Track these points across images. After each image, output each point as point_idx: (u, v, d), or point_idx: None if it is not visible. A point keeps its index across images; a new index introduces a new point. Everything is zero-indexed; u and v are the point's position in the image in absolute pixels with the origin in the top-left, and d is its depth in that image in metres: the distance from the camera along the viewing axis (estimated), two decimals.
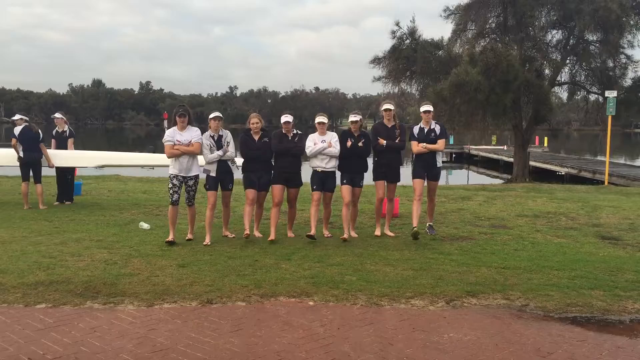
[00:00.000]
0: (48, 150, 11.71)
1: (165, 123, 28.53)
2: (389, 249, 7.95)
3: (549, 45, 24.24)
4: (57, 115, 12.55)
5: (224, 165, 8.49)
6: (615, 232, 9.50)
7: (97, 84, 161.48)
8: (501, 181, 27.11)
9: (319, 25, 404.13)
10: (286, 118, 8.65)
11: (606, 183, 20.77)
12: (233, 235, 8.73)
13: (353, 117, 8.83)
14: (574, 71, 24.41)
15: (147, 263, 7.10)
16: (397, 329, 5.14)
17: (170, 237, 8.21)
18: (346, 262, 7.30)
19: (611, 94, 19.86)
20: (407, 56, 23.52)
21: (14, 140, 11.44)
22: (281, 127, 8.66)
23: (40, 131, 11.62)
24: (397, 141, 8.87)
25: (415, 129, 8.83)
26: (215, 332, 4.97)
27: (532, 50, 23.74)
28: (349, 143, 8.62)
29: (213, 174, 8.43)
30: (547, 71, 24.39)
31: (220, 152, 8.37)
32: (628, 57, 23.02)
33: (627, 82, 23.35)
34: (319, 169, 8.59)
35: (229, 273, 6.71)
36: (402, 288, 6.24)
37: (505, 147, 42.93)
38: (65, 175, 12.20)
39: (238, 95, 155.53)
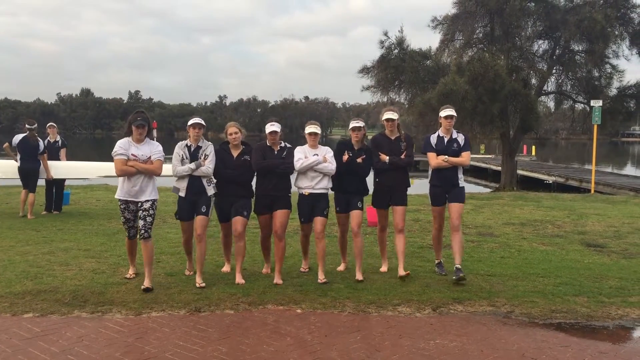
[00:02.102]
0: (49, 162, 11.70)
1: (155, 132, 28.44)
2: (376, 257, 8.00)
3: (535, 55, 24.45)
4: (51, 124, 12.55)
5: (197, 184, 6.72)
6: (600, 240, 9.61)
7: (86, 93, 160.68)
8: (489, 190, 27.26)
9: (307, 35, 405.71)
10: (272, 127, 6.84)
11: (592, 192, 20.96)
12: (203, 284, 6.51)
13: (355, 123, 7.06)
14: (560, 81, 24.63)
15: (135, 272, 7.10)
16: (384, 335, 5.19)
17: (131, 272, 6.90)
18: (334, 270, 7.34)
19: (596, 103, 20.09)
20: (395, 66, 23.63)
21: (6, 145, 11.52)
22: (265, 138, 6.96)
23: (41, 141, 11.60)
24: (402, 157, 7.09)
25: (433, 138, 7.16)
26: (204, 339, 4.99)
27: (518, 60, 23.94)
28: (345, 157, 6.98)
29: (182, 193, 6.73)
30: (533, 81, 24.61)
31: (192, 165, 6.66)
32: (613, 66, 23.26)
33: (613, 91, 23.58)
34: (306, 192, 6.89)
35: (217, 282, 6.73)
36: (389, 295, 6.30)
37: (493, 156, 43.20)
38: (56, 185, 12.17)
39: (227, 104, 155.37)
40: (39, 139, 11.56)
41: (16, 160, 11.50)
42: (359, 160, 7.01)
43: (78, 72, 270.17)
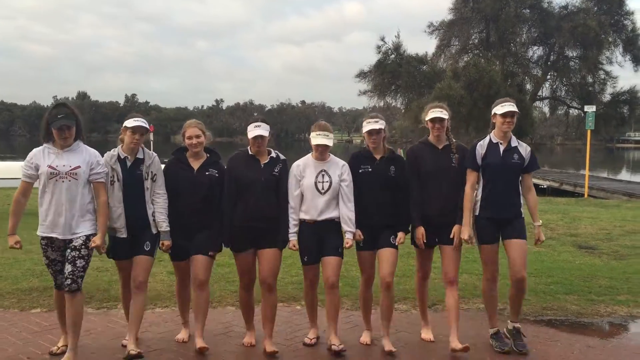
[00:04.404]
0: None
1: (151, 136, 28.51)
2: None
3: (530, 61, 24.88)
4: None
5: (137, 208, 4.79)
6: (592, 242, 9.82)
7: (82, 96, 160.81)
8: None
9: (302, 40, 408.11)
10: (257, 129, 4.82)
11: (586, 196, 21.22)
12: (138, 351, 4.59)
13: (373, 124, 4.99)
14: (554, 86, 25.07)
15: None
16: (380, 330, 5.37)
17: (61, 344, 4.79)
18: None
19: (590, 108, 20.38)
20: (392, 71, 23.99)
21: None
22: (248, 146, 4.98)
23: None
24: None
25: (482, 145, 5.05)
26: (207, 333, 5.16)
27: (513, 65, 24.33)
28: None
29: (123, 234, 4.79)
30: (528, 86, 25.04)
31: (164, 228, 4.83)
32: (607, 72, 23.72)
33: (606, 97, 24.02)
34: (311, 220, 4.94)
35: (219, 280, 6.91)
36: None
37: None
38: None
39: (224, 108, 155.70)
40: None
41: None
42: (390, 173, 4.99)
43: (74, 75, 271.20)
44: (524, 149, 5.05)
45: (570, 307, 6.19)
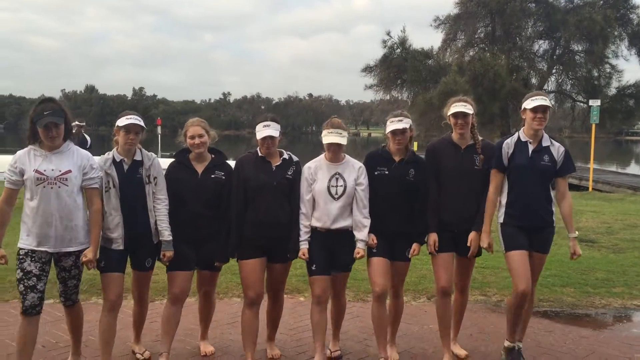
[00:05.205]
0: None
1: (159, 129, 28.72)
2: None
3: (536, 55, 24.91)
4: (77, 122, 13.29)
5: (138, 217, 4.38)
6: (592, 235, 9.98)
7: (90, 89, 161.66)
8: None
9: (309, 32, 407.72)
10: (267, 130, 4.45)
11: (590, 189, 21.31)
12: (145, 356, 4.78)
13: (397, 123, 4.54)
14: (560, 80, 25.09)
15: None
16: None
17: None
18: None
19: (594, 102, 20.46)
20: (397, 65, 24.09)
21: None
22: (256, 146, 4.62)
23: (88, 137, 12.07)
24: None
25: (509, 144, 4.58)
26: (214, 323, 5.37)
27: (519, 59, 24.38)
28: (378, 173, 4.61)
29: (119, 246, 4.34)
30: (534, 80, 25.05)
31: (167, 237, 4.43)
32: (612, 66, 23.74)
33: (612, 91, 24.06)
34: (323, 228, 4.54)
35: (225, 272, 7.07)
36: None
37: None
38: None
39: (231, 101, 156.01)
40: (86, 135, 12.11)
41: None
42: (410, 177, 4.57)
43: (81, 68, 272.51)
44: (557, 150, 4.54)
45: (566, 299, 6.37)
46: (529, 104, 4.47)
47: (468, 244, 4.61)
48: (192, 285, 4.75)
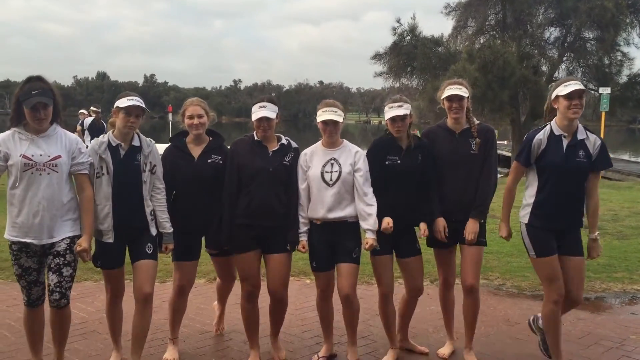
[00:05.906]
0: None
1: (170, 116, 28.92)
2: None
3: (546, 42, 24.81)
4: (93, 108, 13.68)
5: (133, 207, 4.12)
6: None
7: (102, 76, 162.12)
8: (499, 175, 27.67)
9: (319, 19, 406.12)
10: (262, 111, 4.21)
11: (599, 177, 21.32)
12: None
13: (396, 110, 4.26)
14: (571, 68, 24.97)
15: None
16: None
17: None
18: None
19: (604, 90, 20.42)
20: (407, 52, 24.09)
21: (78, 128, 12.60)
22: (252, 129, 4.37)
23: (105, 123, 12.52)
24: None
25: (541, 139, 4.14)
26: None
27: (530, 47, 24.29)
28: (389, 162, 4.34)
29: (109, 239, 4.11)
30: (544, 68, 24.97)
31: (167, 229, 4.29)
32: (624, 54, 23.62)
33: (623, 78, 23.94)
34: (318, 219, 4.30)
35: None
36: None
37: (506, 142, 43.43)
38: None
39: (242, 88, 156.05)
40: (103, 121, 12.51)
41: (83, 142, 12.55)
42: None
43: (93, 55, 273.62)
44: (592, 143, 4.10)
45: None
46: (562, 90, 3.98)
47: (464, 236, 4.35)
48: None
